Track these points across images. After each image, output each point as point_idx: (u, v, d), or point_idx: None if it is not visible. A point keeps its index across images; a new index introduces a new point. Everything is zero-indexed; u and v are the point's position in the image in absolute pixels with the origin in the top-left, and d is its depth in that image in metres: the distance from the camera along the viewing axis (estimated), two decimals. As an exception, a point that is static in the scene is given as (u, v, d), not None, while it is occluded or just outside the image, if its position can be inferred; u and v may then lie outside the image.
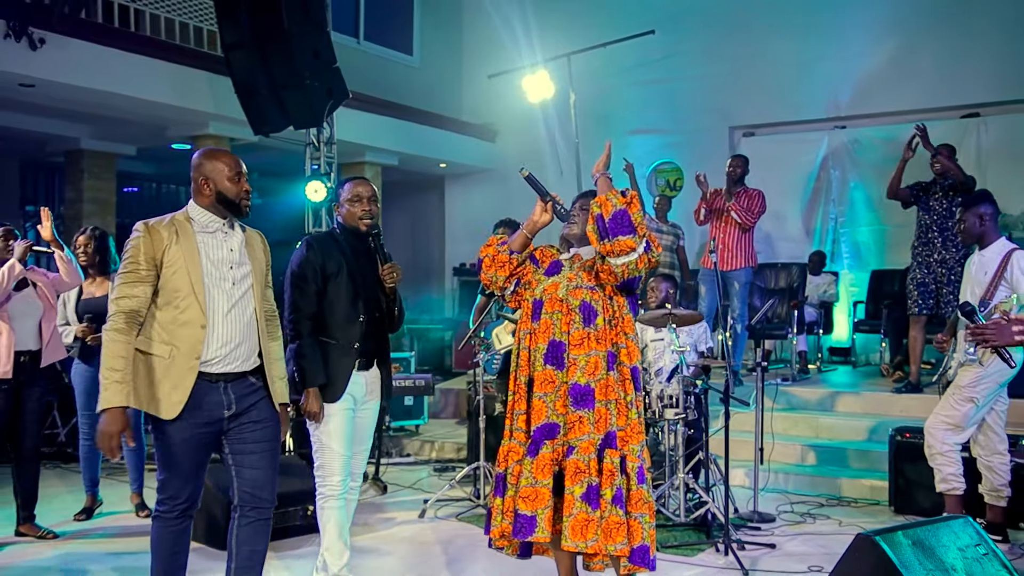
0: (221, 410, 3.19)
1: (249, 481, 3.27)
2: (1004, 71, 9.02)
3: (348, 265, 3.79)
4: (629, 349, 3.49)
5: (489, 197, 11.99)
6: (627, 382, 3.46)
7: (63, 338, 5.17)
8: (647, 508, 3.40)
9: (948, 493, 4.75)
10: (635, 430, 3.45)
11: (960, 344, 4.75)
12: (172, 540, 3.28)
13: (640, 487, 3.39)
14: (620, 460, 3.37)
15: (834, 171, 9.96)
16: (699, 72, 10.50)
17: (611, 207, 3.34)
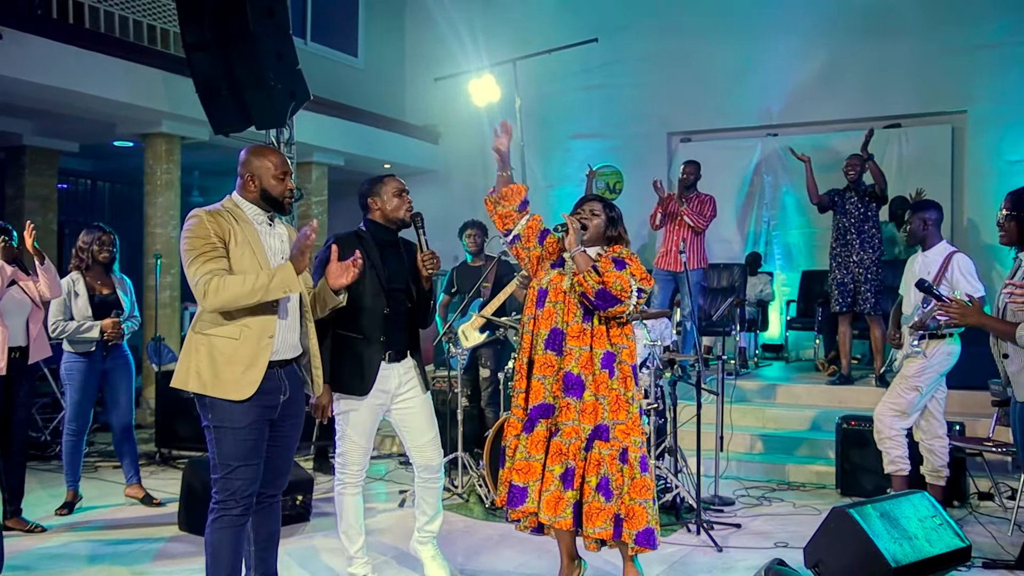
0: (279, 395, 3.31)
1: (273, 469, 3.41)
2: (922, 85, 9.66)
3: (372, 260, 3.95)
4: (630, 349, 3.79)
5: (432, 198, 12.16)
6: (628, 379, 3.73)
7: (87, 334, 5.31)
8: (650, 494, 3.70)
9: (895, 474, 5.20)
10: (636, 423, 3.73)
11: (906, 338, 5.19)
12: (233, 542, 3.29)
13: (644, 475, 3.70)
14: (622, 452, 3.65)
15: (767, 176, 10.47)
16: (639, 80, 10.92)
17: (591, 288, 3.61)
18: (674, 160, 11.02)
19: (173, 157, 9.22)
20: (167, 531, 5.08)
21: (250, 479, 3.28)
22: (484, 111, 10.83)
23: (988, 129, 9.53)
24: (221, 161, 10.55)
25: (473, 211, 12.06)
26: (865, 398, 7.10)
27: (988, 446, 5.44)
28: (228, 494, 3.25)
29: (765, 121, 10.47)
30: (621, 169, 11.26)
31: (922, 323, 5.04)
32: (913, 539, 3.83)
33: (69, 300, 5.34)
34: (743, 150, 10.62)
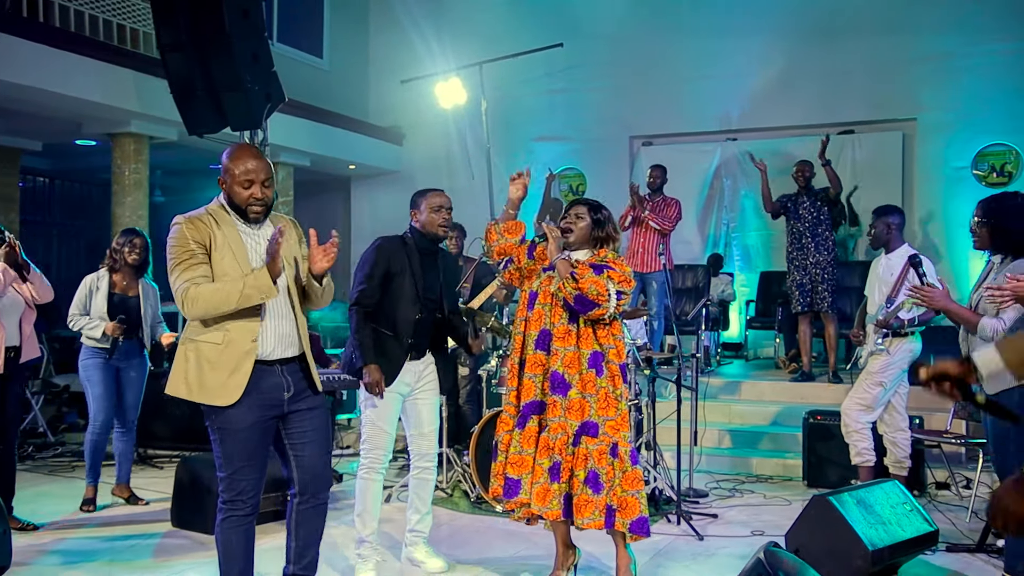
0: (281, 392, 3.30)
1: (308, 469, 3.42)
2: (875, 93, 10.04)
3: (412, 268, 4.21)
4: (618, 349, 3.95)
5: (396, 198, 12.27)
6: (616, 377, 3.89)
7: (91, 331, 5.38)
8: (641, 485, 3.89)
9: (862, 465, 5.48)
10: (624, 419, 3.90)
11: (870, 336, 5.48)
12: (244, 540, 3.36)
13: (634, 468, 3.88)
14: (612, 446, 3.81)
15: (726, 180, 10.77)
16: (601, 84, 11.15)
17: (569, 295, 3.79)
18: (636, 163, 11.29)
19: (142, 157, 9.21)
20: (160, 527, 5.15)
21: (254, 479, 3.34)
22: (449, 113, 10.99)
23: (936, 136, 9.93)
24: (187, 160, 10.60)
25: (437, 212, 12.24)
26: (825, 394, 7.42)
27: (947, 438, 5.76)
28: (234, 494, 3.31)
29: (724, 126, 10.77)
30: (584, 171, 11.55)
31: (886, 322, 5.32)
32: (887, 524, 4.09)
33: (89, 295, 5.42)
34: (703, 154, 10.91)
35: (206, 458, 5.35)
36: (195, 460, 5.26)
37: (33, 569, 4.39)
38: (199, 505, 5.02)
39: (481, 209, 10.59)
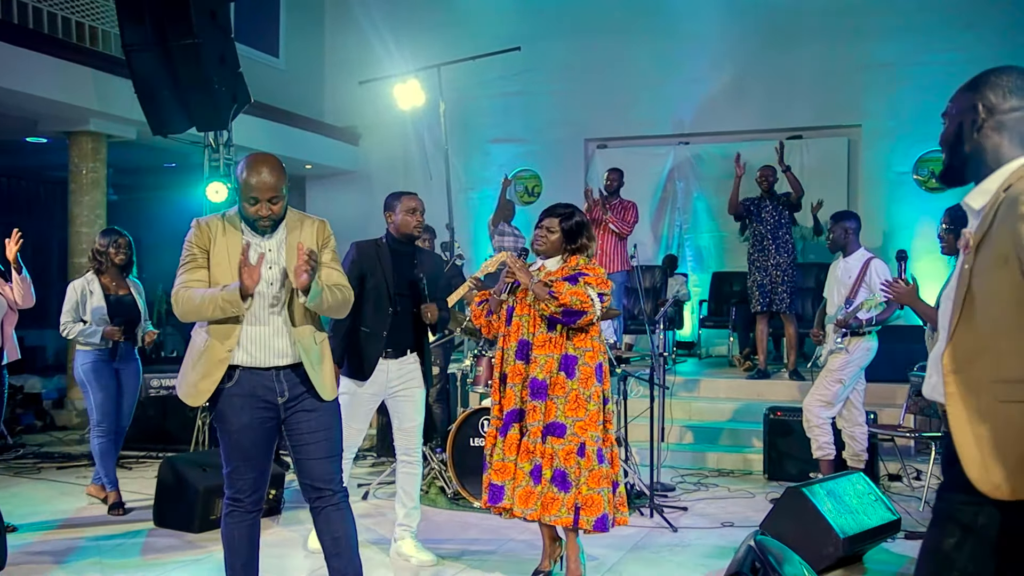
0: (275, 396, 3.32)
1: (308, 473, 3.40)
2: (822, 100, 10.39)
3: (383, 268, 4.38)
4: (595, 351, 4.03)
5: (352, 199, 12.39)
6: (589, 379, 3.97)
7: (91, 338, 5.38)
8: (607, 483, 3.98)
9: (823, 458, 5.75)
10: (593, 419, 3.97)
11: (830, 335, 5.74)
12: (247, 535, 3.41)
13: (601, 466, 3.96)
14: (580, 446, 3.91)
15: (679, 183, 11.05)
16: (557, 87, 11.33)
17: (555, 312, 3.87)
18: (590, 165, 11.51)
19: (99, 155, 9.14)
20: (142, 526, 5.19)
21: (251, 477, 3.37)
22: (406, 114, 11.05)
23: (880, 142, 10.34)
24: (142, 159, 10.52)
25: (393, 211, 12.31)
26: (781, 391, 7.71)
27: (901, 432, 6.07)
28: (234, 491, 3.38)
29: (677, 130, 11.04)
30: (539, 173, 11.73)
31: (845, 322, 5.59)
32: (855, 513, 4.34)
33: (83, 301, 5.40)
34: (656, 157, 11.16)
35: (189, 458, 5.43)
36: (178, 460, 5.30)
37: (23, 569, 4.40)
38: (182, 504, 5.06)
39: (439, 209, 10.69)
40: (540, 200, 11.60)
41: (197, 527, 4.99)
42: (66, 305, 5.43)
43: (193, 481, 5.03)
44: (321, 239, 3.50)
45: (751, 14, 10.58)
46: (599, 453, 3.99)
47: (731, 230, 10.68)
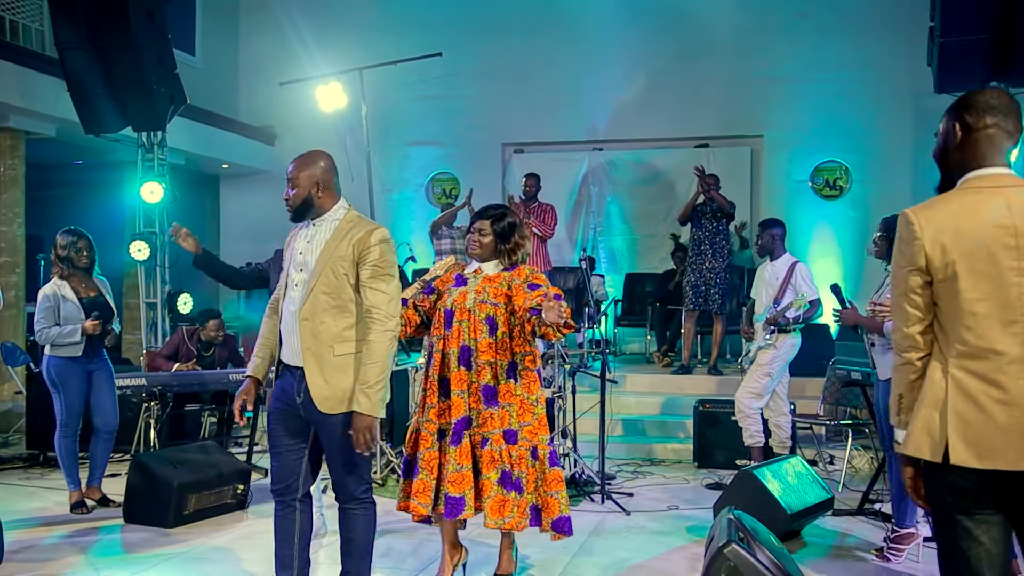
0: (293, 395, 3.40)
1: (333, 478, 3.50)
2: (727, 111, 11.04)
3: None
4: (533, 355, 4.02)
5: (267, 199, 12.36)
6: (532, 383, 3.98)
7: (71, 338, 5.39)
8: (561, 485, 3.97)
9: (754, 446, 6.25)
10: (542, 423, 3.99)
11: (759, 333, 6.25)
12: (281, 524, 3.53)
13: (554, 468, 3.97)
14: (532, 450, 3.92)
15: (593, 187, 11.52)
16: (475, 92, 11.64)
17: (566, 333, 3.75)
18: (507, 169, 11.87)
19: (18, 152, 8.95)
20: (112, 523, 5.28)
21: (275, 466, 3.49)
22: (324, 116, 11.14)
23: (780, 152, 11.07)
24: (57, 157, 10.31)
25: (310, 212, 12.37)
26: (701, 385, 8.24)
27: (820, 421, 6.63)
28: (271, 481, 3.54)
29: (592, 136, 11.52)
30: (457, 175, 12.02)
31: (774, 320, 6.10)
32: (797, 492, 4.83)
33: (57, 306, 5.38)
34: (572, 162, 11.61)
35: (158, 455, 5.52)
36: (148, 457, 5.39)
37: (7, 567, 4.43)
38: (156, 500, 5.15)
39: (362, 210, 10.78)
40: (457, 203, 11.85)
41: (172, 521, 5.11)
42: (40, 312, 5.40)
43: (167, 477, 5.14)
44: (358, 253, 3.37)
45: (662, 28, 11.13)
46: (551, 456, 3.99)
47: (643, 232, 11.27)
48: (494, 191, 11.71)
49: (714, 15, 10.96)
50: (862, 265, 10.55)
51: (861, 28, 10.52)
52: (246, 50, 12.59)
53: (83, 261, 5.59)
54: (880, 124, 10.67)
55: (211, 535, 5.05)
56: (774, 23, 10.85)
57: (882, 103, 10.61)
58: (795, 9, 10.74)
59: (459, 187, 11.97)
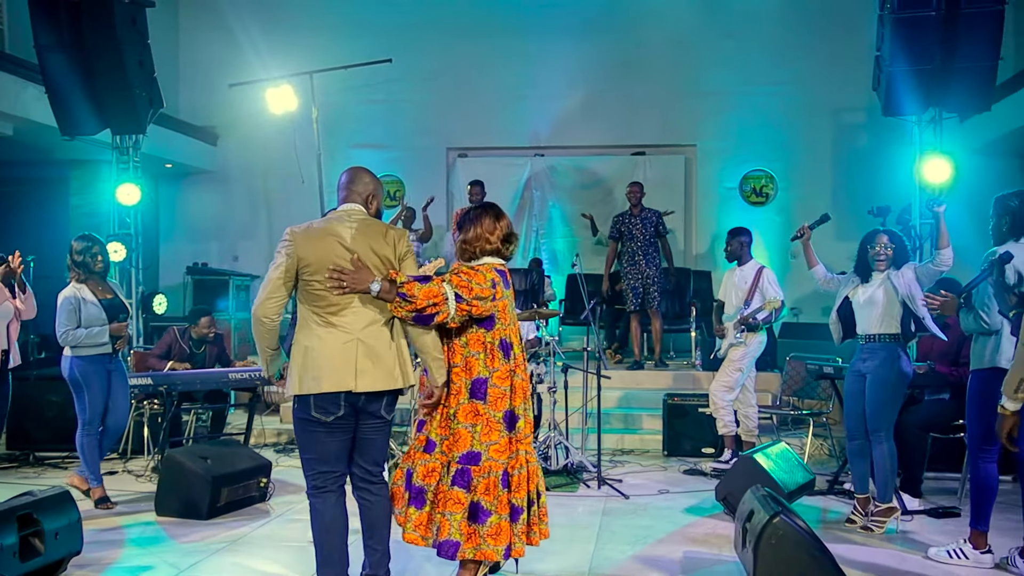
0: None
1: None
2: (663, 121, 11.72)
3: None
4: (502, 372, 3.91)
5: (211, 199, 12.46)
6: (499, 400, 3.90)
7: (97, 338, 5.53)
8: (457, 507, 3.83)
9: (727, 434, 6.84)
10: (457, 437, 3.88)
11: (730, 331, 6.83)
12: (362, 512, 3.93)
13: (454, 489, 3.84)
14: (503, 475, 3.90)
15: (536, 191, 12.00)
16: (421, 97, 11.99)
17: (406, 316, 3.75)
18: (451, 173, 12.25)
19: (-26, 151, 8.85)
20: (144, 517, 5.47)
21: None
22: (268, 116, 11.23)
23: (711, 161, 11.81)
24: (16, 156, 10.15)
25: (253, 213, 12.51)
26: (660, 380, 8.81)
27: (783, 412, 7.28)
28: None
29: (534, 142, 12.02)
30: (403, 178, 12.32)
31: (745, 320, 6.70)
32: (789, 473, 5.41)
33: (78, 308, 5.47)
34: (515, 167, 12.07)
35: (188, 450, 5.72)
36: (179, 453, 5.59)
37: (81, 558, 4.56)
38: (191, 493, 5.37)
39: (312, 211, 11.03)
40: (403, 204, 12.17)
41: (206, 513, 5.33)
42: (62, 315, 5.50)
43: (202, 471, 5.36)
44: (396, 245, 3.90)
45: (602, 41, 11.70)
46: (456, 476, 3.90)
47: (584, 235, 11.80)
48: (439, 195, 12.06)
49: (651, 30, 11.62)
50: (787, 268, 11.36)
51: (786, 47, 11.33)
52: (186, 49, 12.57)
53: (99, 265, 5.72)
54: (802, 136, 11.53)
55: (250, 523, 5.33)
56: (707, 40, 11.56)
57: (804, 116, 11.47)
58: (726, 28, 11.47)
59: (404, 190, 12.27)
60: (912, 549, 4.86)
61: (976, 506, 4.61)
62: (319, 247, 3.70)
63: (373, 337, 3.71)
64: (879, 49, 7.27)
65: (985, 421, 4.43)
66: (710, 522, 5.42)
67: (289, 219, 12.37)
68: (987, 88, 6.88)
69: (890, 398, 5.12)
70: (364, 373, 3.65)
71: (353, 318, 3.69)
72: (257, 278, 12.12)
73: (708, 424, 7.32)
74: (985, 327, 4.40)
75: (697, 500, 5.97)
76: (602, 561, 4.63)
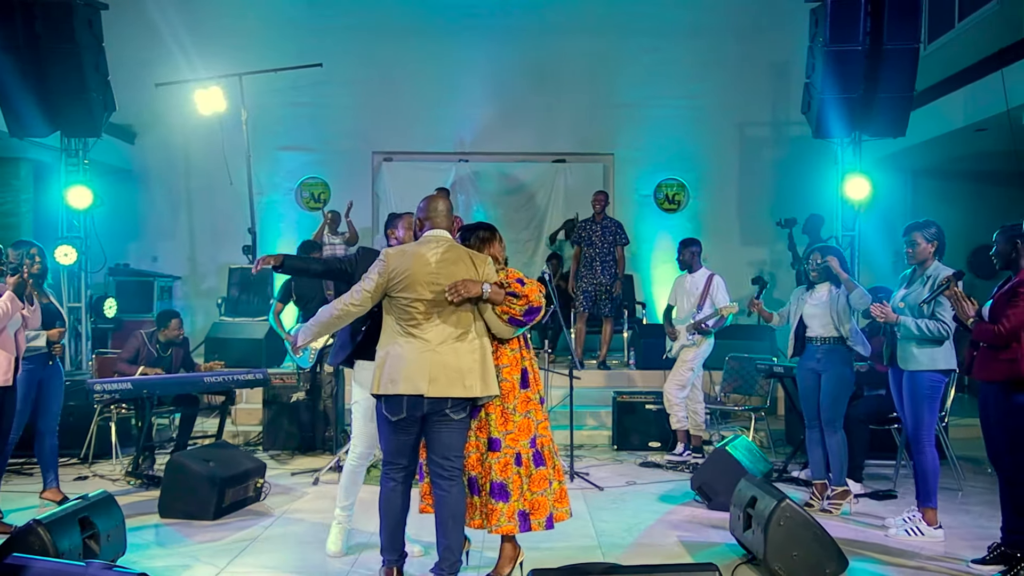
0: None
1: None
2: (582, 131, 12.27)
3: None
4: (511, 367, 4.34)
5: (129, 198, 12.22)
6: (510, 393, 4.29)
7: (35, 343, 5.51)
8: (546, 484, 4.32)
9: (680, 429, 7.40)
10: (522, 428, 4.29)
11: (682, 334, 7.39)
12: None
13: (539, 469, 4.30)
14: (516, 456, 4.28)
15: (461, 196, 12.32)
16: (346, 101, 12.15)
17: (518, 312, 4.14)
18: (377, 176, 12.44)
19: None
20: (150, 519, 5.55)
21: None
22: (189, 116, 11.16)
23: (628, 169, 12.43)
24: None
25: (172, 213, 12.37)
26: (597, 378, 9.32)
27: (730, 406, 7.91)
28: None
29: (459, 148, 12.36)
30: (328, 181, 12.45)
31: (698, 325, 7.27)
32: (754, 463, 5.99)
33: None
34: (439, 172, 12.35)
35: (191, 454, 5.83)
36: (184, 456, 5.69)
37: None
38: (197, 495, 5.51)
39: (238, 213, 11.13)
40: (327, 207, 12.33)
41: (213, 514, 5.48)
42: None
43: (208, 474, 5.50)
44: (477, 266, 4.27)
45: (525, 51, 12.14)
46: (535, 457, 4.32)
47: (513, 238, 12.20)
48: (364, 198, 12.29)
49: (572, 43, 12.13)
50: (697, 271, 12.09)
51: (699, 64, 12.05)
52: (107, 47, 12.24)
53: (36, 268, 5.70)
54: (712, 148, 12.31)
55: (256, 523, 5.52)
56: (625, 54, 12.16)
57: (714, 130, 12.25)
58: (643, 43, 12.10)
59: (329, 192, 12.42)
60: (869, 527, 5.50)
61: (924, 487, 5.26)
62: (408, 268, 4.08)
63: (447, 350, 4.08)
64: (809, 77, 7.99)
65: (932, 413, 5.15)
66: (686, 509, 5.94)
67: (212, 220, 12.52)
68: (904, 115, 7.70)
69: (842, 393, 5.77)
70: (435, 381, 4.02)
71: (431, 332, 4.07)
72: (179, 279, 12.01)
73: (655, 420, 7.90)
74: (944, 335, 5.05)
75: (665, 489, 6.49)
76: (610, 547, 5.06)
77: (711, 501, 5.87)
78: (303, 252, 7.78)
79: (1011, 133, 8.35)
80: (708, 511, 5.84)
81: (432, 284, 4.06)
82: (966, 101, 9.44)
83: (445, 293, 4.03)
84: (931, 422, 5.21)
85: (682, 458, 7.31)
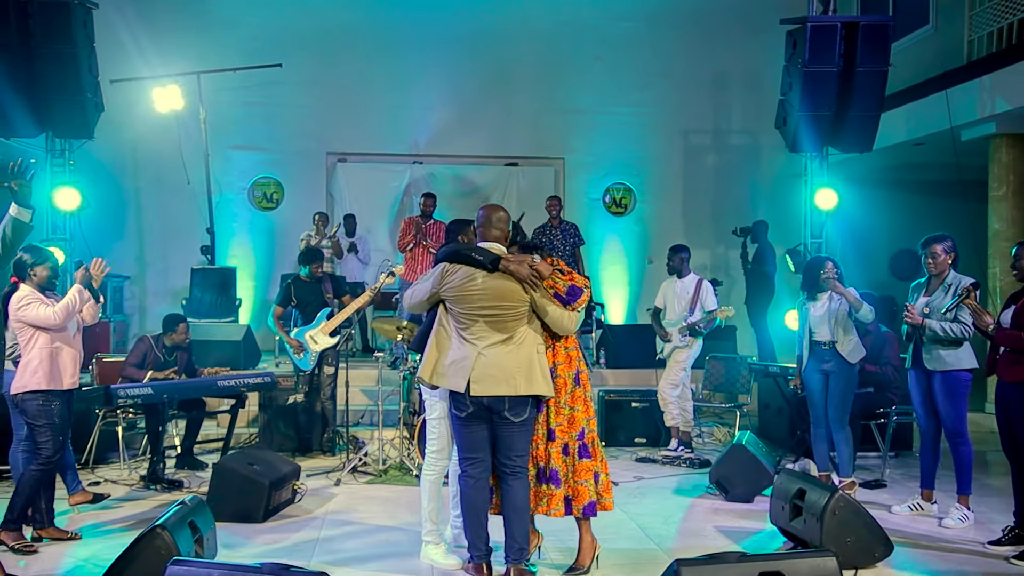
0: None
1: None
2: (534, 135, 12.59)
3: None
4: (566, 364, 4.69)
5: (72, 195, 11.83)
6: (562, 389, 4.61)
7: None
8: (590, 475, 4.62)
9: (673, 425, 7.79)
10: (571, 420, 4.63)
11: (675, 335, 7.79)
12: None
13: (583, 460, 4.61)
14: (563, 446, 4.60)
15: (415, 198, 12.36)
16: (300, 101, 12.13)
17: (563, 287, 4.57)
18: (332, 176, 12.45)
19: None
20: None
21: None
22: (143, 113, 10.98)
23: (579, 173, 12.84)
24: None
25: (120, 212, 12.07)
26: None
27: (715, 404, 8.36)
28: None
29: (413, 150, 12.50)
30: (281, 181, 12.39)
31: (691, 327, 7.68)
32: (764, 457, 6.42)
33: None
34: (394, 173, 12.49)
35: (236, 457, 5.88)
36: (230, 460, 5.73)
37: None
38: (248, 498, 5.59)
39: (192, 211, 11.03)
40: (280, 207, 12.33)
41: (262, 517, 5.56)
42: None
43: (256, 477, 5.57)
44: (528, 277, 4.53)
45: (477, 56, 12.39)
46: (580, 449, 4.63)
47: (466, 241, 12.40)
48: (318, 198, 12.30)
49: (524, 49, 12.45)
50: (643, 273, 12.61)
51: (646, 73, 12.54)
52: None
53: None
54: (658, 154, 12.83)
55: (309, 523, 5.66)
56: (575, 62, 12.57)
57: (659, 136, 12.78)
58: (592, 51, 12.53)
59: (282, 192, 12.36)
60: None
61: (963, 476, 5.72)
62: (458, 280, 4.39)
63: (495, 352, 4.37)
64: (784, 94, 8.52)
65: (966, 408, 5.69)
66: (705, 502, 6.32)
67: (163, 218, 12.37)
68: (872, 132, 8.30)
69: (849, 392, 6.26)
70: (477, 382, 4.34)
71: (481, 336, 4.39)
72: (128, 279, 11.73)
73: (640, 417, 8.31)
74: (966, 336, 5.56)
75: (673, 484, 6.87)
76: (659, 538, 5.39)
77: (728, 493, 6.27)
78: (308, 261, 7.82)
79: (953, 147, 9.12)
80: (726, 503, 6.23)
81: (479, 300, 4.37)
82: (908, 118, 10.22)
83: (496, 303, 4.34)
84: (966, 417, 5.74)
85: (676, 453, 7.70)
